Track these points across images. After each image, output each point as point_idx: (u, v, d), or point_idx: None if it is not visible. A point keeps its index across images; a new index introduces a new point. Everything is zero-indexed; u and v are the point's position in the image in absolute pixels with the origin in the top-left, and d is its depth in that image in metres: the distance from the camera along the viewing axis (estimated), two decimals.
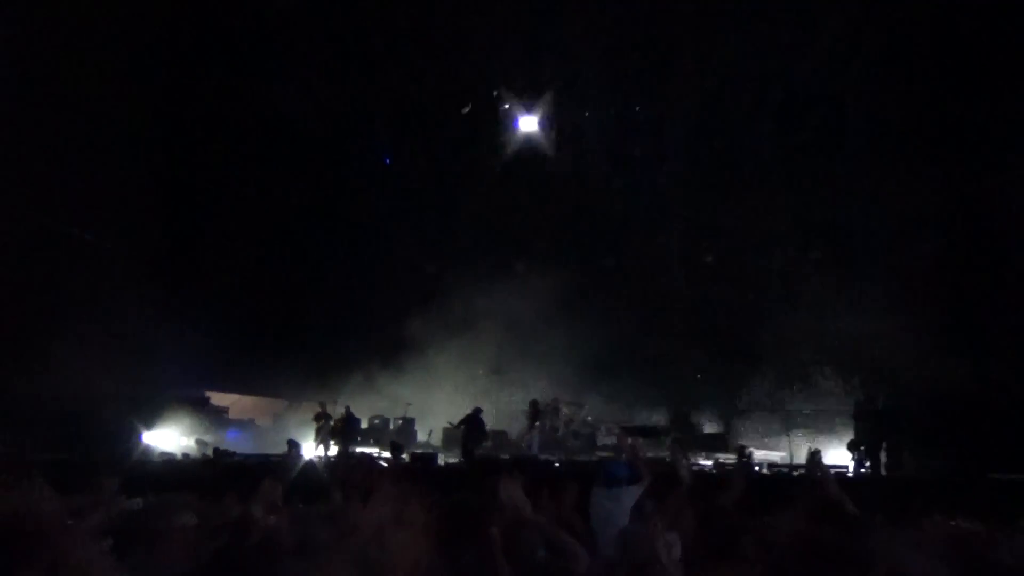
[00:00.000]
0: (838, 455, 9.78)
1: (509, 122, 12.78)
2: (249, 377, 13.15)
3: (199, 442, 12.00)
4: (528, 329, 12.09)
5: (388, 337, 12.34)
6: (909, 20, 10.09)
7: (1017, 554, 2.47)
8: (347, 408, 11.56)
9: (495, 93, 12.38)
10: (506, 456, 10.64)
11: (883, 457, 9.61)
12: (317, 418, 11.57)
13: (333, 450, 11.37)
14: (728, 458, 10.42)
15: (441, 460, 10.20)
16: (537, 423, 11.16)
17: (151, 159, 11.15)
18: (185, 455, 11.29)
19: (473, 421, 10.31)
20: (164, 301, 11.34)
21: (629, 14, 10.88)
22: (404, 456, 9.70)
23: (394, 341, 12.41)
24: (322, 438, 11.48)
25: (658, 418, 11.98)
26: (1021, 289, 9.41)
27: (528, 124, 12.74)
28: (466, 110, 12.33)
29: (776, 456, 10.91)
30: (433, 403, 12.45)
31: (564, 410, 11.30)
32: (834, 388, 10.93)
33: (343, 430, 11.59)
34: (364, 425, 12.26)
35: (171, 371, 11.98)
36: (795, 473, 9.24)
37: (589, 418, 11.91)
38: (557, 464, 9.55)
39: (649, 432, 10.64)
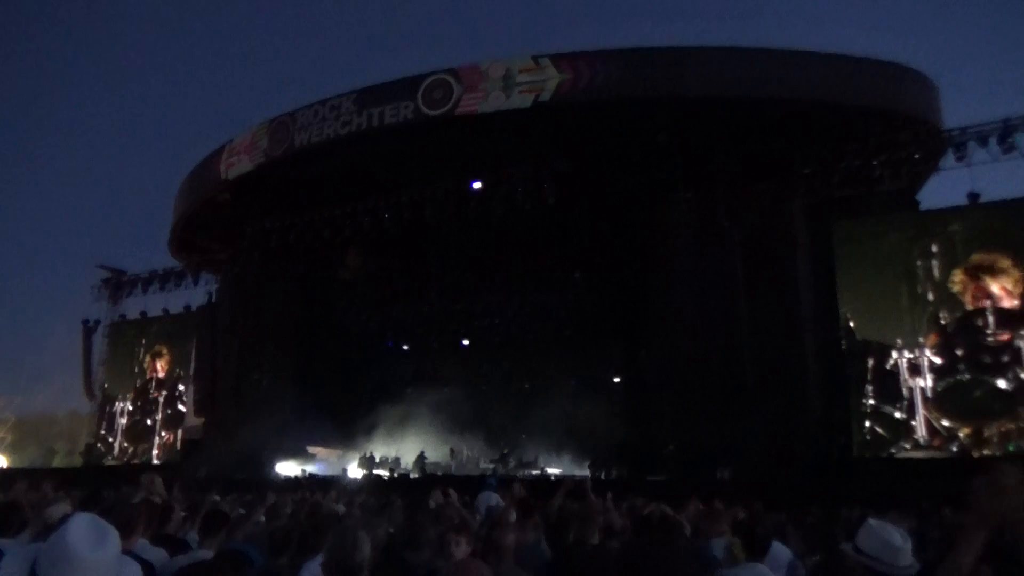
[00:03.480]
0: (584, 471, 19.55)
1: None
2: (324, 439, 22.78)
3: (303, 471, 21.36)
4: (445, 416, 22.48)
5: (385, 421, 23.08)
6: None
7: (660, 511, 4.59)
8: (370, 453, 22.50)
9: None
10: (439, 474, 19.66)
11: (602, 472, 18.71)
12: (360, 459, 22.75)
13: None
14: (536, 471, 20.73)
15: (412, 475, 20.72)
16: (452, 459, 22.33)
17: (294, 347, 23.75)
18: (296, 477, 19.80)
19: (421, 458, 21.77)
20: (290, 404, 21.31)
21: None
22: (395, 474, 20.65)
23: (386, 426, 22.91)
24: (360, 467, 22.38)
25: (504, 450, 21.50)
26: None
27: None
28: None
29: (557, 470, 20.31)
30: (405, 451, 22.35)
31: (465, 452, 22.39)
32: (580, 442, 20.94)
33: (369, 463, 22.43)
34: (378, 460, 21.94)
35: (289, 436, 20.86)
36: (564, 478, 17.10)
37: (476, 455, 22.25)
38: (462, 477, 18.74)
39: (499, 460, 21.35)
